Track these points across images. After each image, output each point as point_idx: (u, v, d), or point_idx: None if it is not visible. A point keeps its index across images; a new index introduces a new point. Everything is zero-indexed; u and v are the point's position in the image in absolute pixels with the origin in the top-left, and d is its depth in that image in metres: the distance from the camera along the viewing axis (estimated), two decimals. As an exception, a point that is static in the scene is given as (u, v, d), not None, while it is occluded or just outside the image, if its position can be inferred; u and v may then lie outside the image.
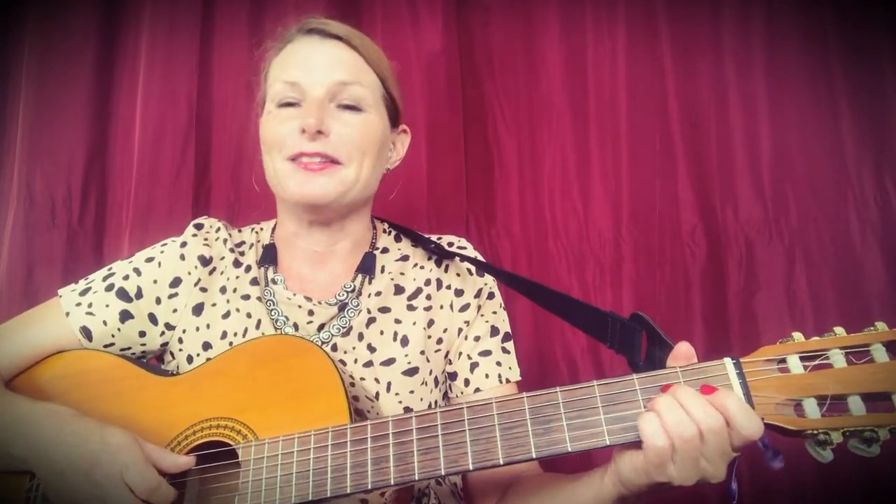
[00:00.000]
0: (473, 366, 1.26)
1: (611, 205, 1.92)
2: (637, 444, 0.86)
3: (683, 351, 0.92)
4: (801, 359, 0.86)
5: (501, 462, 0.88)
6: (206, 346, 1.22)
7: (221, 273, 1.29)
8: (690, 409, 0.83)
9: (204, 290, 1.27)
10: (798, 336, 0.88)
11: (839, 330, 0.86)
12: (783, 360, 0.87)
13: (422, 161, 1.92)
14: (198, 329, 1.24)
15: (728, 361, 0.88)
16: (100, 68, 1.94)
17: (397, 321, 1.25)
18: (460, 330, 1.28)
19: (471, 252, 1.33)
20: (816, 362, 0.85)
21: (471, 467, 0.89)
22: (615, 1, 1.95)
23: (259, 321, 1.23)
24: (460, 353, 1.28)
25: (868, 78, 1.83)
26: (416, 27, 1.97)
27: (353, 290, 1.26)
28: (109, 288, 1.24)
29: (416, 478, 0.90)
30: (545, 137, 1.96)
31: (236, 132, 1.94)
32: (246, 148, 1.95)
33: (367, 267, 1.29)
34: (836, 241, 1.81)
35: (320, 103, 1.18)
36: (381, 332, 1.23)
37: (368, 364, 1.20)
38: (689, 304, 1.87)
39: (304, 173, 1.17)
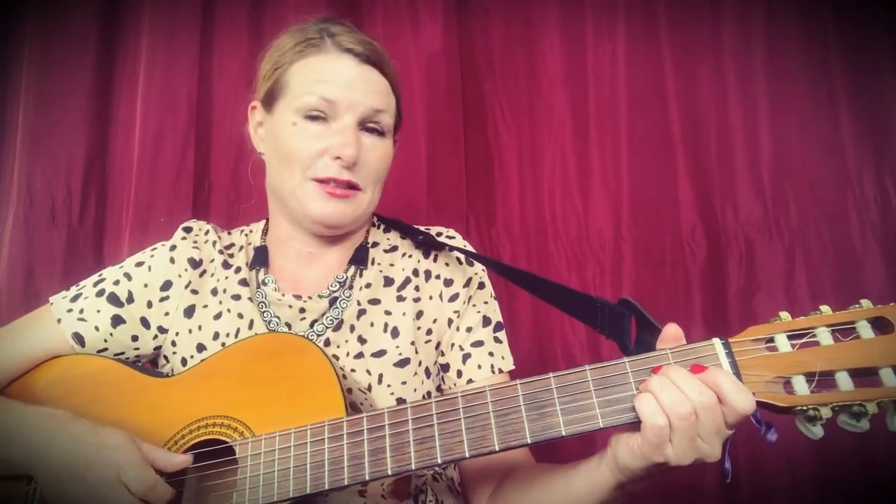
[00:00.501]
0: (466, 357, 1.26)
1: (611, 205, 1.92)
2: (631, 427, 0.87)
3: (672, 333, 0.92)
4: (789, 337, 0.87)
5: (497, 448, 0.89)
6: (200, 347, 1.22)
7: (212, 275, 1.29)
8: (683, 388, 0.83)
9: (195, 292, 1.27)
10: (785, 315, 0.89)
11: (825, 308, 0.88)
12: (771, 340, 0.88)
13: (422, 161, 1.92)
14: (190, 331, 1.24)
15: (717, 342, 0.89)
16: (100, 68, 1.94)
17: (387, 312, 1.25)
18: (451, 321, 1.27)
19: (459, 242, 1.33)
20: (804, 340, 0.86)
21: (467, 454, 0.89)
22: (615, 2, 1.96)
23: (252, 321, 1.23)
24: (452, 345, 1.27)
25: (868, 78, 1.83)
26: (417, 28, 1.98)
27: (344, 283, 1.27)
28: (100, 293, 1.24)
29: (413, 467, 0.91)
30: (545, 138, 1.96)
31: (236, 132, 1.94)
32: (246, 148, 1.95)
33: (359, 258, 1.29)
34: (836, 241, 1.81)
35: (354, 130, 1.19)
36: (372, 324, 1.23)
37: (359, 356, 1.20)
38: (689, 304, 1.87)
39: (328, 197, 1.18)
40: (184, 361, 1.22)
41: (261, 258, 1.30)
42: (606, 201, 1.92)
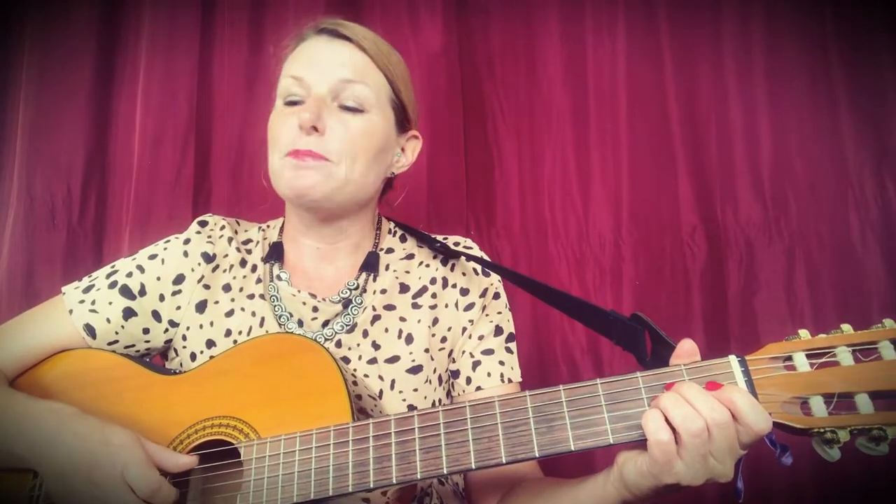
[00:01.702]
0: (475, 364, 1.26)
1: (611, 205, 1.91)
2: (641, 445, 0.85)
3: (687, 349, 0.90)
4: (808, 356, 0.85)
5: (504, 461, 0.87)
6: (210, 343, 1.22)
7: (225, 271, 1.28)
8: (696, 404, 0.81)
9: (207, 287, 1.26)
10: (804, 333, 0.86)
11: (846, 327, 0.85)
12: (789, 358, 0.86)
13: (422, 161, 1.89)
14: (201, 326, 1.24)
15: (733, 359, 0.86)
16: (100, 68, 1.94)
17: (402, 319, 1.25)
18: (464, 329, 1.28)
19: (477, 252, 1.33)
20: (823, 360, 0.84)
21: (473, 466, 0.88)
22: (615, 1, 1.95)
23: (263, 319, 1.23)
24: (463, 352, 1.27)
25: (868, 78, 1.82)
26: (416, 28, 1.97)
27: (356, 288, 1.26)
28: (113, 285, 1.23)
29: (419, 477, 0.89)
30: (545, 138, 1.96)
31: (236, 132, 1.95)
32: (246, 148, 1.95)
33: (370, 265, 1.29)
34: (836, 241, 1.80)
35: (321, 100, 1.18)
36: (386, 330, 1.23)
37: (372, 361, 1.20)
38: (690, 305, 1.86)
39: (296, 167, 1.16)
40: (193, 356, 1.22)
41: (276, 253, 1.30)
42: (606, 202, 1.92)
